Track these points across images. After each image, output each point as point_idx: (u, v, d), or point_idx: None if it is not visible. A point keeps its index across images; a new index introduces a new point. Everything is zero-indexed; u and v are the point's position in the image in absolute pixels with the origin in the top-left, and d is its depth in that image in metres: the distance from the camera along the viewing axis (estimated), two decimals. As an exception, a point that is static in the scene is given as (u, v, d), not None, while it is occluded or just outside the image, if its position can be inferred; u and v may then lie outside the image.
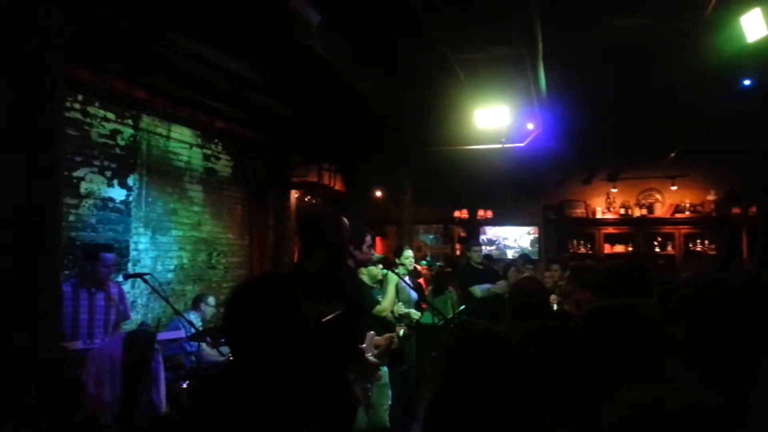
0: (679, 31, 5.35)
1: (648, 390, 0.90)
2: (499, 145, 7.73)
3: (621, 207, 10.49)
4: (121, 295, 4.51)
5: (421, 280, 7.48)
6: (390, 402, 4.42)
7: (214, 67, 5.12)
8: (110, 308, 4.29)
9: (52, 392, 2.98)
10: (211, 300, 5.97)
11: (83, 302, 4.12)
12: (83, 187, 5.45)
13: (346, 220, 2.83)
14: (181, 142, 6.90)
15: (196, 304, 5.89)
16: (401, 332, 4.69)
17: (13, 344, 2.61)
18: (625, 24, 5.31)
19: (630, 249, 10.30)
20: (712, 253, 9.65)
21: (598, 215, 10.60)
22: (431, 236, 12.10)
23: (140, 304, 6.10)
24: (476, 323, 2.07)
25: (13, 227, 3.03)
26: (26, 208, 3.05)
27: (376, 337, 3.89)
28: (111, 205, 5.78)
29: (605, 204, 10.60)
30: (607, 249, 10.41)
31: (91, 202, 5.53)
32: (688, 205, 10.15)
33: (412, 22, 5.12)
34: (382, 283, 4.99)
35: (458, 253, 11.19)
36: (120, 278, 5.52)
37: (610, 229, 10.54)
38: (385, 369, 4.31)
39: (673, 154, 9.11)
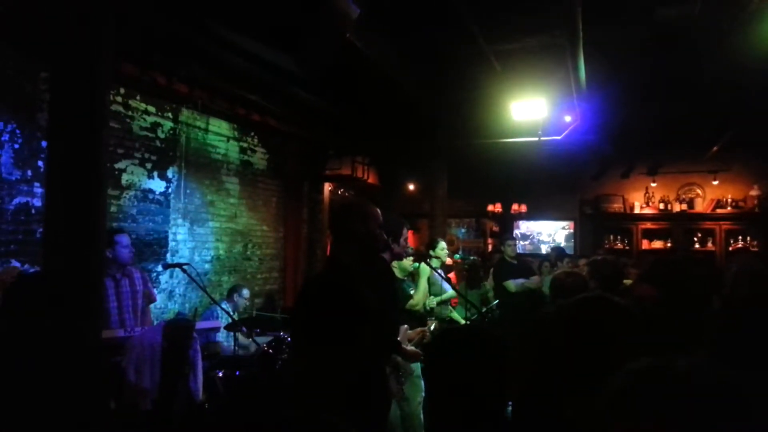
0: (725, 21, 5.18)
1: (656, 359, 0.86)
2: (536, 138, 7.62)
3: (660, 202, 10.24)
4: (144, 278, 4.55)
5: (452, 275, 7.44)
6: (423, 395, 4.41)
7: (253, 60, 5.17)
8: (136, 293, 4.33)
9: (95, 379, 3.07)
10: (245, 292, 6.06)
11: (110, 290, 4.14)
12: (124, 178, 5.59)
13: (378, 210, 2.76)
14: (219, 135, 7.01)
15: (231, 295, 5.99)
16: (432, 326, 4.68)
17: (61, 332, 2.70)
18: (669, 13, 5.16)
19: (669, 245, 10.06)
20: (754, 249, 9.37)
21: (636, 210, 10.37)
22: (463, 230, 12.02)
23: (178, 294, 6.23)
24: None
25: (61, 217, 3.12)
26: (72, 198, 3.13)
27: (408, 331, 3.89)
28: (151, 196, 5.91)
29: (644, 199, 10.36)
30: (645, 245, 10.19)
31: (132, 193, 5.67)
32: (730, 200, 9.85)
33: (448, 14, 5.07)
34: (412, 275, 4.98)
35: (490, 248, 11.10)
36: (159, 267, 5.65)
37: (649, 225, 10.31)
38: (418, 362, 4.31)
39: (715, 148, 8.85)
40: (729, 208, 9.82)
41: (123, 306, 4.23)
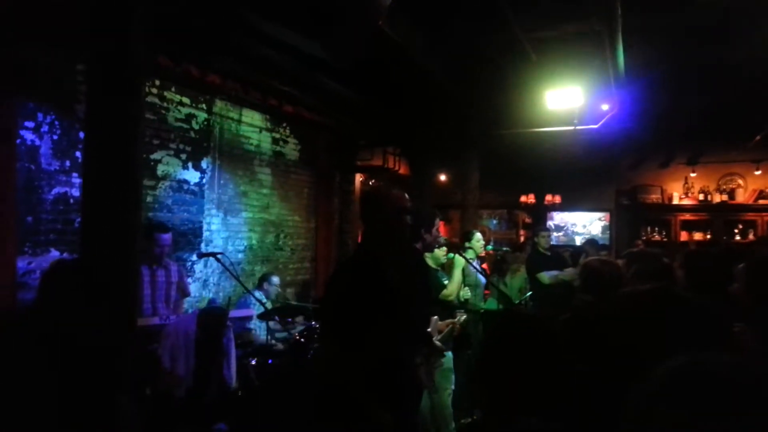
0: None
1: (690, 356, 0.84)
2: (571, 127, 7.46)
3: (700, 192, 9.96)
4: (180, 272, 4.65)
5: (485, 266, 7.37)
6: (453, 387, 4.39)
7: (285, 51, 5.18)
8: (170, 284, 4.44)
9: (130, 366, 3.12)
10: (276, 279, 6.10)
11: (145, 279, 4.25)
12: (160, 169, 5.67)
13: (405, 196, 2.69)
14: (252, 126, 7.06)
15: (261, 283, 6.04)
16: (461, 318, 4.63)
17: (96, 319, 2.75)
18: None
19: (708, 237, 9.79)
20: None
21: (675, 201, 10.10)
22: (494, 221, 11.88)
23: (212, 283, 6.32)
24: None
25: (98, 207, 3.18)
26: (109, 189, 3.19)
27: (439, 323, 3.87)
28: (186, 187, 5.99)
29: (683, 189, 10.08)
30: (684, 237, 9.93)
31: (167, 183, 5.75)
32: (773, 190, 9.54)
33: (482, 1, 4.98)
34: (444, 266, 4.93)
35: (522, 239, 10.95)
36: (194, 256, 5.73)
37: (688, 216, 10.03)
38: (449, 354, 4.28)
39: (758, 137, 8.55)
40: (772, 199, 9.51)
41: (156, 295, 4.33)
